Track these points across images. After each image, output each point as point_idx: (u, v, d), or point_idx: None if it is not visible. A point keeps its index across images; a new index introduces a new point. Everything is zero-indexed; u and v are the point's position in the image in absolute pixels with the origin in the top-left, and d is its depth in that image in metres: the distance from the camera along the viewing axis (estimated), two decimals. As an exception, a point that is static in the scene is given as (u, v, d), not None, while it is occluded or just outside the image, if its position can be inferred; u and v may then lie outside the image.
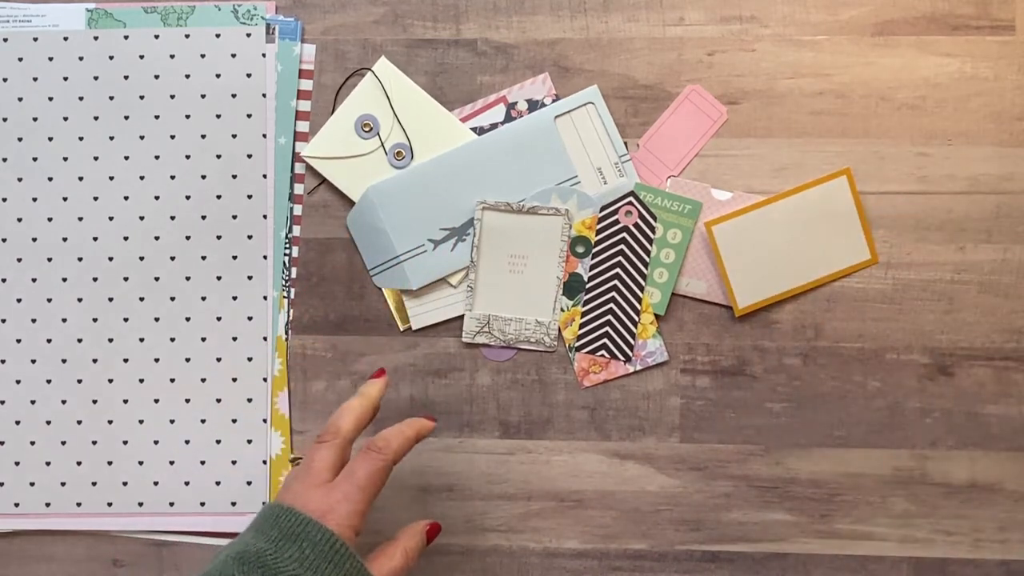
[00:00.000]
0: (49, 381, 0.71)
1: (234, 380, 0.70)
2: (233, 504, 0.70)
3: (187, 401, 0.70)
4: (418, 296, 0.70)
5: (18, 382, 0.71)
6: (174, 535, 0.71)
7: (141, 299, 0.71)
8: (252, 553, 0.48)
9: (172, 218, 0.70)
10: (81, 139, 0.70)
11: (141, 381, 0.71)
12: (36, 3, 0.71)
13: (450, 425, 0.71)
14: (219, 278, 0.70)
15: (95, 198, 0.71)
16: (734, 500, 0.69)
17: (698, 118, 0.69)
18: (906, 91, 0.68)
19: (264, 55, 0.70)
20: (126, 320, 0.71)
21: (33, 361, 0.71)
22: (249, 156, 0.70)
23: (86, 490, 0.71)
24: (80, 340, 0.71)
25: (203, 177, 0.70)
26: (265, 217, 0.70)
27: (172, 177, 0.70)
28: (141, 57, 0.70)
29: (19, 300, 0.71)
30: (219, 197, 0.70)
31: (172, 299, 0.71)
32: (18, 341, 0.71)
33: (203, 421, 0.70)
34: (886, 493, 0.69)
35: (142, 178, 0.70)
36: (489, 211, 0.69)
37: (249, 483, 0.70)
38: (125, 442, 0.71)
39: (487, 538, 0.70)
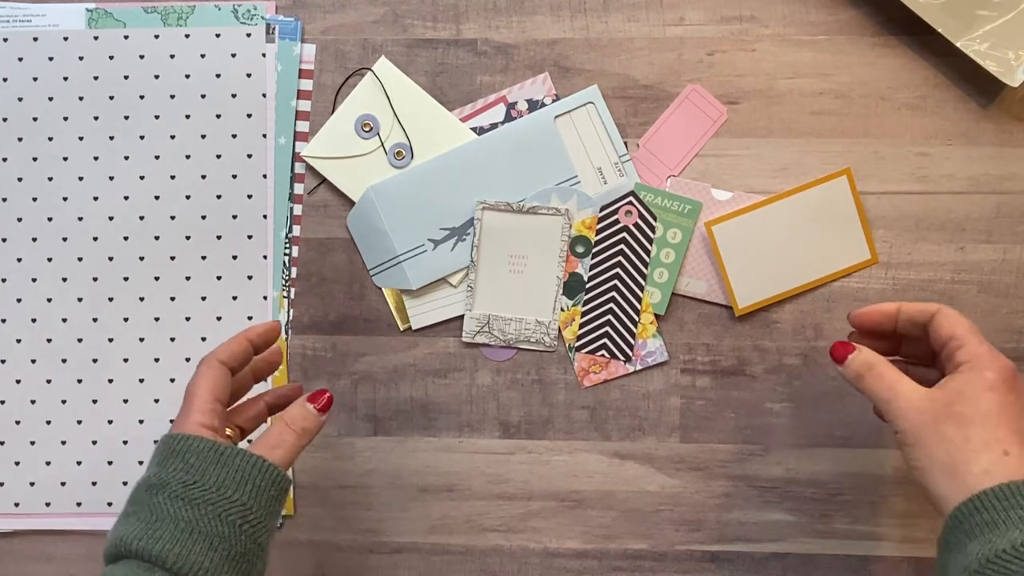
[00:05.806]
0: (49, 381, 0.71)
1: (234, 380, 0.70)
2: (233, 504, 0.70)
3: (187, 401, 0.70)
4: (418, 296, 0.70)
5: (18, 382, 0.71)
6: (174, 535, 0.71)
7: (141, 299, 0.71)
8: (143, 480, 0.53)
9: (172, 218, 0.70)
10: (81, 139, 0.70)
11: (141, 381, 0.71)
12: (36, 3, 0.71)
13: (450, 425, 0.70)
14: (219, 278, 0.70)
15: (95, 198, 0.71)
16: (734, 500, 0.69)
17: (698, 118, 0.69)
18: (906, 91, 0.68)
19: (264, 55, 0.70)
20: (126, 320, 0.71)
21: (33, 361, 0.71)
22: (249, 156, 0.70)
23: (86, 490, 0.71)
24: (80, 340, 0.71)
25: (203, 177, 0.70)
26: (265, 217, 0.70)
27: (172, 177, 0.70)
28: (141, 57, 0.70)
29: (19, 300, 0.71)
30: (219, 197, 0.70)
31: (172, 299, 0.71)
32: (18, 341, 0.71)
33: (203, 421, 0.70)
34: (886, 493, 0.69)
35: (142, 178, 0.70)
36: (489, 211, 0.69)
37: (249, 483, 0.70)
38: (125, 442, 0.71)
39: (487, 538, 0.70)
